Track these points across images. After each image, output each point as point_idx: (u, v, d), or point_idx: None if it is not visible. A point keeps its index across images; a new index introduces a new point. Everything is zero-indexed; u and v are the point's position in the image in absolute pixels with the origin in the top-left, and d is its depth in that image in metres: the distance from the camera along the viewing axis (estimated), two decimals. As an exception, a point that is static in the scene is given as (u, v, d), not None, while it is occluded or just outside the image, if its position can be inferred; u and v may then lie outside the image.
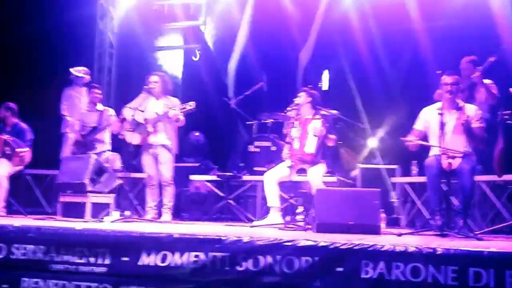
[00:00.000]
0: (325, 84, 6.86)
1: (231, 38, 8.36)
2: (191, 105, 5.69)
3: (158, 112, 5.83)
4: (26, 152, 6.53)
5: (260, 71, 7.83)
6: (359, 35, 7.56)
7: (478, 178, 5.14)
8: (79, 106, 7.33)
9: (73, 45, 8.07)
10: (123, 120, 6.12)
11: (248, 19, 8.25)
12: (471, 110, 4.85)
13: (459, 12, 7.17)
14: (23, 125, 6.69)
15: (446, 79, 4.76)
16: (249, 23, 8.26)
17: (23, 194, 7.19)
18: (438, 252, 3.23)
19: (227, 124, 8.28)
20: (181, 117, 5.79)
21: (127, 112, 5.94)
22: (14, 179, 6.72)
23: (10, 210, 6.49)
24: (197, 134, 7.91)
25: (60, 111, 7.41)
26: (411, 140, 4.87)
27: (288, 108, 5.61)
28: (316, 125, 5.44)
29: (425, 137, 4.93)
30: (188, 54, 8.91)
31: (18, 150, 6.40)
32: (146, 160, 5.96)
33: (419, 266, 3.23)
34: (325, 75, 6.93)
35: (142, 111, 5.82)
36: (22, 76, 7.86)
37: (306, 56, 8.01)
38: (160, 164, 5.90)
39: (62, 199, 5.76)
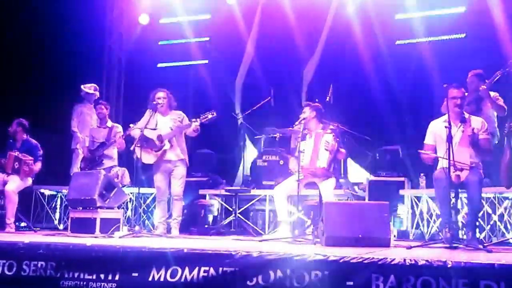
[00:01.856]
0: (331, 98, 6.91)
1: (238, 54, 8.45)
2: (213, 113, 5.76)
3: (171, 127, 5.90)
4: (35, 165, 6.62)
5: (267, 86, 7.90)
6: (364, 49, 7.62)
7: (486, 190, 5.13)
8: (89, 122, 7.42)
9: (83, 62, 8.18)
10: (128, 137, 6.20)
11: (254, 35, 8.34)
12: (477, 122, 4.87)
13: (464, 26, 7.23)
14: (33, 141, 6.78)
15: (454, 92, 4.77)
16: (255, 39, 8.35)
17: (33, 210, 7.25)
18: (449, 265, 3.21)
19: (235, 139, 8.33)
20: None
21: (135, 132, 5.99)
22: (24, 195, 6.79)
23: (20, 226, 6.54)
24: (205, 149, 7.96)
25: (71, 127, 7.50)
26: (428, 153, 4.87)
27: (296, 123, 5.65)
28: (328, 139, 5.46)
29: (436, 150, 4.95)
30: (196, 70, 9.01)
31: (26, 160, 6.47)
32: (159, 175, 5.99)
33: (430, 280, 3.21)
34: (331, 89, 6.98)
35: (154, 129, 5.88)
36: (33, 92, 7.95)
37: (311, 71, 8.09)
38: (173, 179, 5.95)
39: (72, 214, 5.80)
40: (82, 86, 7.56)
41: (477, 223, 4.84)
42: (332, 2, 7.95)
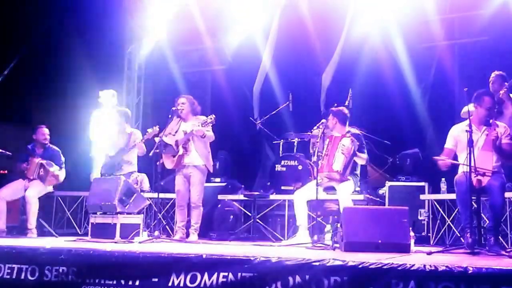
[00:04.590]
0: (349, 102, 6.89)
1: (256, 59, 8.47)
2: (211, 118, 5.82)
3: (186, 132, 5.97)
4: (60, 172, 6.74)
5: (285, 91, 7.90)
6: (383, 53, 7.58)
7: (508, 195, 5.05)
8: (108, 128, 7.50)
9: (103, 68, 8.29)
10: (147, 141, 6.28)
11: (272, 41, 8.36)
12: (500, 126, 4.81)
13: (484, 29, 7.14)
14: (56, 148, 6.89)
15: (489, 101, 4.74)
16: (273, 44, 8.37)
17: (54, 215, 7.36)
18: (470, 272, 3.17)
19: (253, 144, 8.34)
20: (208, 133, 5.90)
21: (157, 138, 6.08)
22: (45, 201, 6.90)
23: (42, 231, 6.65)
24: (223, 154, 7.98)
25: (90, 133, 7.60)
26: (443, 159, 4.82)
27: (314, 128, 5.65)
28: (344, 143, 5.45)
29: (456, 155, 4.89)
30: (214, 76, 9.06)
31: (51, 170, 6.60)
32: (178, 180, 6.06)
33: (451, 286, 3.17)
34: (350, 94, 6.96)
35: (174, 135, 5.97)
36: (53, 98, 8.09)
37: (330, 75, 8.06)
38: (191, 185, 5.99)
39: (93, 220, 5.87)
40: (100, 92, 7.67)
41: (500, 228, 4.77)
42: (349, 6, 7.91)
